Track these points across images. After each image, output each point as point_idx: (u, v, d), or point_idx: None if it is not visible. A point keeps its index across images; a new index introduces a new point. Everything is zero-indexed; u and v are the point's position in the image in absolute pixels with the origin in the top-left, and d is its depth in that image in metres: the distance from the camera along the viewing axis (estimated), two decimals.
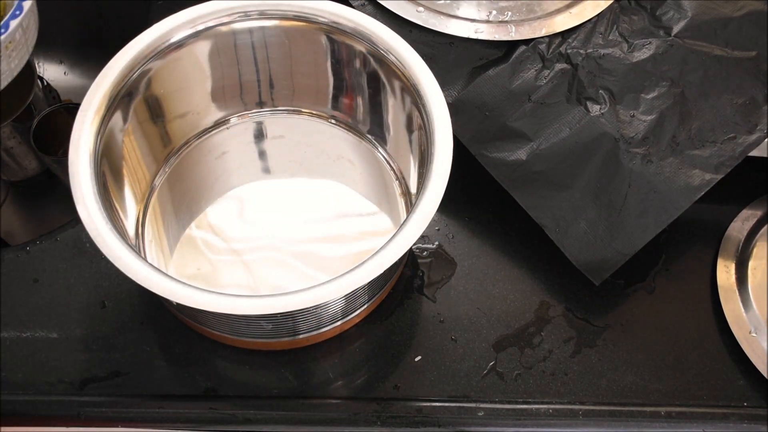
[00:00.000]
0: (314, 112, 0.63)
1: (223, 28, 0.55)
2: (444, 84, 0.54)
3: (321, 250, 0.57)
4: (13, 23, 0.44)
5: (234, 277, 0.56)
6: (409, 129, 0.56)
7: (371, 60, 0.55)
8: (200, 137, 0.61)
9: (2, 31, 0.44)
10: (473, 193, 0.62)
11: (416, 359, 0.55)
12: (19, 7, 0.45)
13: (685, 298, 0.59)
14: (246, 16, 0.55)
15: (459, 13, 0.61)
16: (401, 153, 0.59)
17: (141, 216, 0.57)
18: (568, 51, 0.59)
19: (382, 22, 0.54)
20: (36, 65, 0.65)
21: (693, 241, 0.62)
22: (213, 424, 0.52)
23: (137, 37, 0.53)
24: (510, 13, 0.62)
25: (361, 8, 0.60)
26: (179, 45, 0.54)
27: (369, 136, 0.61)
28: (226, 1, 0.55)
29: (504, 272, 0.59)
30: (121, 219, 0.52)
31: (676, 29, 0.59)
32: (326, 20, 0.55)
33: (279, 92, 0.62)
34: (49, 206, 0.72)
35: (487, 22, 0.61)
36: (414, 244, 0.46)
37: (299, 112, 0.63)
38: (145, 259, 0.46)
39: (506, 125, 0.57)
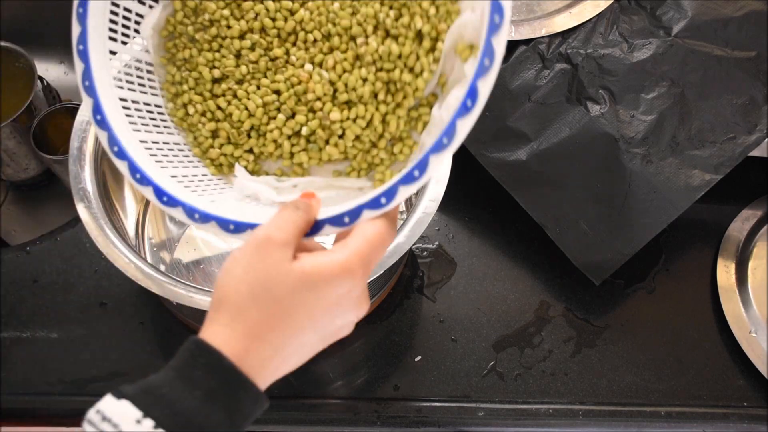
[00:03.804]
0: None
1: None
2: None
3: None
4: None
5: None
6: None
7: None
8: None
9: None
10: (473, 193, 0.62)
11: (416, 359, 0.55)
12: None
13: (685, 298, 0.59)
14: None
15: None
16: None
17: (141, 216, 0.57)
18: (568, 51, 0.59)
19: None
20: (36, 65, 0.65)
21: (693, 241, 0.62)
22: None
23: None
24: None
25: None
26: None
27: None
28: None
29: (504, 272, 0.59)
30: (121, 219, 0.52)
31: (676, 29, 0.59)
32: None
33: None
34: (49, 206, 0.71)
35: None
36: (414, 244, 0.46)
37: None
38: (145, 259, 0.46)
39: (506, 125, 0.57)
